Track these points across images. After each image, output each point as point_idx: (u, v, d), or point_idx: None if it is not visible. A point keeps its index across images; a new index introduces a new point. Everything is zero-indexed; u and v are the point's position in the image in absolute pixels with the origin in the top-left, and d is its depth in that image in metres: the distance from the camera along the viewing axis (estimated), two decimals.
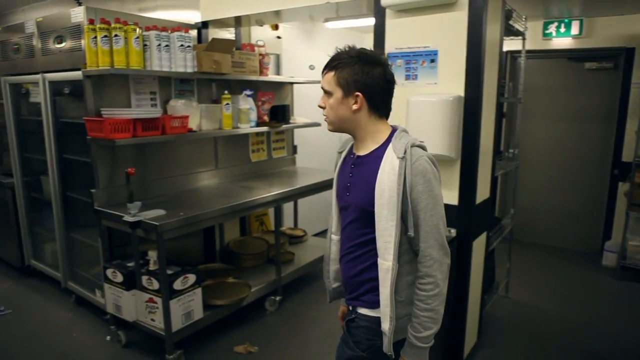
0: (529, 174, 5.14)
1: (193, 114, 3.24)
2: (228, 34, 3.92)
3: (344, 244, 1.58)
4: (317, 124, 4.45)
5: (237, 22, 3.76)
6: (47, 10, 4.28)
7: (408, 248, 1.43)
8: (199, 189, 3.58)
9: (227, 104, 3.46)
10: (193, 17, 3.69)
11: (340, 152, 1.63)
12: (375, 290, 1.46)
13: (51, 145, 3.40)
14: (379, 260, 1.43)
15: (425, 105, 2.43)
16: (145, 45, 2.90)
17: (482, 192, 2.69)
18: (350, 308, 1.58)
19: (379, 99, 1.45)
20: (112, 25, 2.71)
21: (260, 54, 3.87)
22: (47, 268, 3.98)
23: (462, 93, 2.45)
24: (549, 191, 5.21)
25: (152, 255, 2.87)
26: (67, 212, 3.55)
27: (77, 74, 2.92)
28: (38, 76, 3.34)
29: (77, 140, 3.15)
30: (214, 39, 3.20)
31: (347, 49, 1.44)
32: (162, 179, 3.39)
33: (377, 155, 1.44)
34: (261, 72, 3.87)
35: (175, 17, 3.76)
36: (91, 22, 2.71)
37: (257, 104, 3.88)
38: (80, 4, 3.78)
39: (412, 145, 1.39)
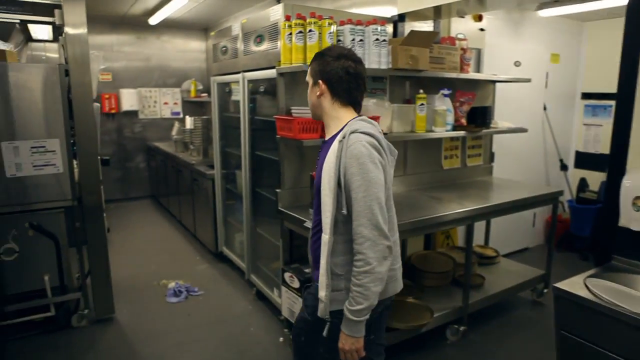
0: None
1: (384, 115, 2.96)
2: (426, 26, 3.54)
3: (313, 221, 1.73)
4: (523, 130, 3.77)
5: (437, 13, 3.35)
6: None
7: (346, 227, 1.54)
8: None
9: (422, 104, 3.10)
10: (390, 13, 3.42)
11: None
12: None
13: (245, 142, 3.51)
14: (322, 235, 1.58)
15: None
16: (339, 40, 2.72)
17: None
18: (316, 285, 1.67)
19: (340, 88, 1.63)
20: (307, 20, 2.58)
21: (462, 49, 3.40)
22: (235, 257, 4.20)
23: None
24: None
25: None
26: (255, 207, 3.64)
27: (271, 72, 2.89)
28: (239, 75, 3.47)
29: (268, 138, 3.17)
30: (412, 31, 2.86)
31: (326, 49, 1.72)
32: None
33: (333, 139, 1.60)
34: (461, 69, 3.39)
35: (370, 13, 3.54)
36: (287, 18, 2.63)
37: (454, 104, 3.42)
38: (279, 2, 3.85)
39: (353, 132, 1.53)
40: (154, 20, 6.05)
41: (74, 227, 3.17)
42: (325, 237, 1.55)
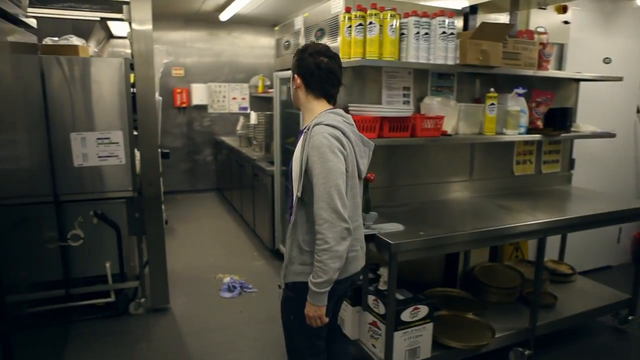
0: None
1: (450, 115, 2.74)
2: (502, 19, 3.25)
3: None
4: (610, 135, 3.37)
5: (514, 4, 3.05)
6: None
7: (308, 209, 1.69)
8: (447, 202, 3.07)
9: (492, 104, 2.83)
10: (460, 4, 3.17)
11: None
12: None
13: None
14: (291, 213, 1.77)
15: None
16: (402, 34, 2.54)
17: None
18: None
19: (313, 82, 1.75)
20: (368, 12, 2.43)
21: (541, 43, 3.08)
22: None
23: None
24: None
25: (383, 273, 2.52)
26: None
27: None
28: None
29: None
30: (483, 24, 2.61)
31: (302, 45, 1.82)
32: (407, 186, 3.01)
33: (305, 130, 1.71)
34: (539, 66, 3.07)
35: (438, 5, 3.31)
36: (347, 10, 2.49)
37: (529, 105, 3.11)
38: None
39: (317, 124, 1.66)
40: (224, 16, 6.15)
41: (133, 217, 3.26)
42: (292, 217, 1.76)
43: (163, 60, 3.20)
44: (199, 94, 7.10)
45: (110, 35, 5.87)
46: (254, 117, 5.46)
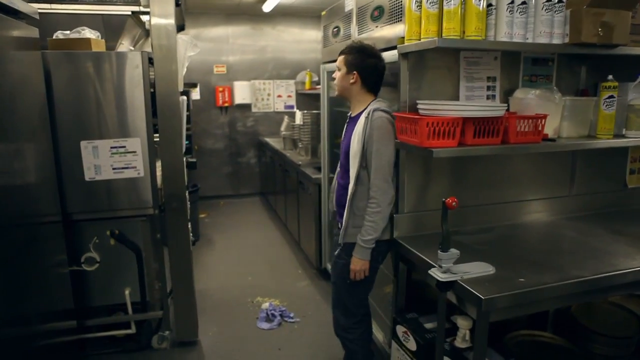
0: None
1: (553, 112, 2.04)
2: None
3: (339, 178, 2.24)
4: None
5: None
6: None
7: (365, 178, 2.02)
8: (542, 226, 2.37)
9: (611, 97, 2.10)
10: None
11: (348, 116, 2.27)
12: None
13: None
14: (349, 185, 2.06)
15: None
16: (489, 5, 1.86)
17: None
18: (339, 225, 2.19)
19: (369, 80, 2.07)
20: None
21: None
22: None
23: None
24: None
25: (463, 325, 1.88)
26: None
27: (391, 55, 2.14)
28: None
29: None
30: None
31: (358, 43, 2.13)
32: (486, 206, 2.34)
33: (358, 117, 2.07)
34: None
35: None
36: None
37: None
38: None
39: (375, 110, 1.99)
40: (267, 6, 5.63)
41: (155, 238, 2.78)
42: (351, 185, 2.03)
43: (188, 52, 2.70)
44: (241, 92, 6.65)
45: (148, 32, 5.51)
46: (299, 117, 4.90)
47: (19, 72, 1.96)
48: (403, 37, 1.99)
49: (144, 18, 4.51)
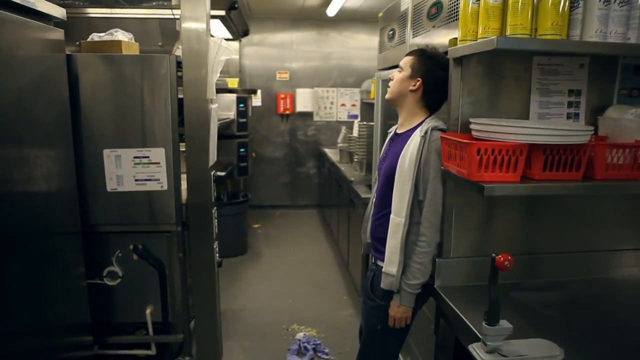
0: None
1: None
2: None
3: (376, 206, 1.97)
4: None
5: None
6: None
7: (417, 212, 1.72)
8: (625, 285, 1.83)
9: None
10: None
11: (390, 132, 2.04)
12: None
13: None
14: (392, 216, 1.76)
15: None
16: None
17: None
18: (373, 260, 1.98)
19: (431, 93, 1.77)
20: None
21: None
22: None
23: None
24: None
25: None
26: None
27: None
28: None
29: None
30: None
31: (433, 49, 1.81)
32: (564, 254, 1.84)
33: (409, 134, 1.78)
34: None
35: None
36: None
37: None
38: None
39: (433, 128, 1.70)
40: (331, 10, 5.35)
41: (177, 257, 2.56)
42: (400, 219, 1.72)
43: (221, 56, 2.47)
44: (303, 99, 6.42)
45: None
46: (356, 128, 4.55)
47: (36, 75, 1.82)
48: (456, 38, 1.58)
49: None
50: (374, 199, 2.04)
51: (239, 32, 5.44)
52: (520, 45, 1.33)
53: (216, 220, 2.65)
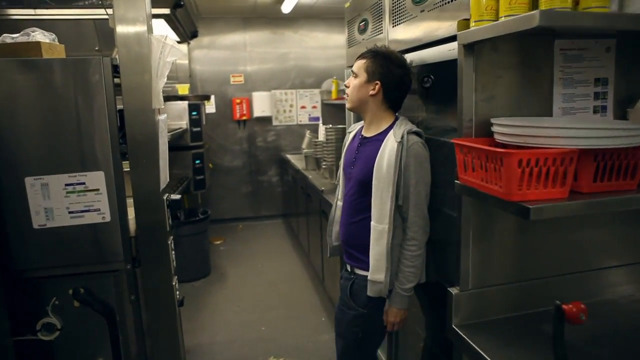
0: None
1: None
2: None
3: (345, 211, 1.92)
4: None
5: None
6: None
7: (398, 216, 1.71)
8: None
9: None
10: None
11: (350, 132, 2.01)
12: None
13: None
14: (373, 224, 1.74)
15: None
16: None
17: None
18: (349, 269, 1.91)
19: (393, 94, 1.77)
20: None
21: None
22: None
23: None
24: None
25: None
26: None
27: (447, 50, 1.43)
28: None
29: (441, 173, 1.74)
30: None
31: (383, 47, 1.79)
32: (585, 274, 1.57)
33: (379, 138, 1.76)
34: None
35: None
36: None
37: None
38: None
39: (409, 132, 1.68)
40: (286, 7, 5.00)
41: (129, 300, 2.13)
42: (383, 226, 1.71)
43: (167, 57, 2.06)
44: (261, 103, 6.03)
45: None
46: (322, 132, 4.22)
47: None
48: (466, 20, 1.27)
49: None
50: (342, 204, 1.96)
51: (186, 33, 4.98)
52: (571, 20, 1.03)
53: (173, 252, 2.23)
